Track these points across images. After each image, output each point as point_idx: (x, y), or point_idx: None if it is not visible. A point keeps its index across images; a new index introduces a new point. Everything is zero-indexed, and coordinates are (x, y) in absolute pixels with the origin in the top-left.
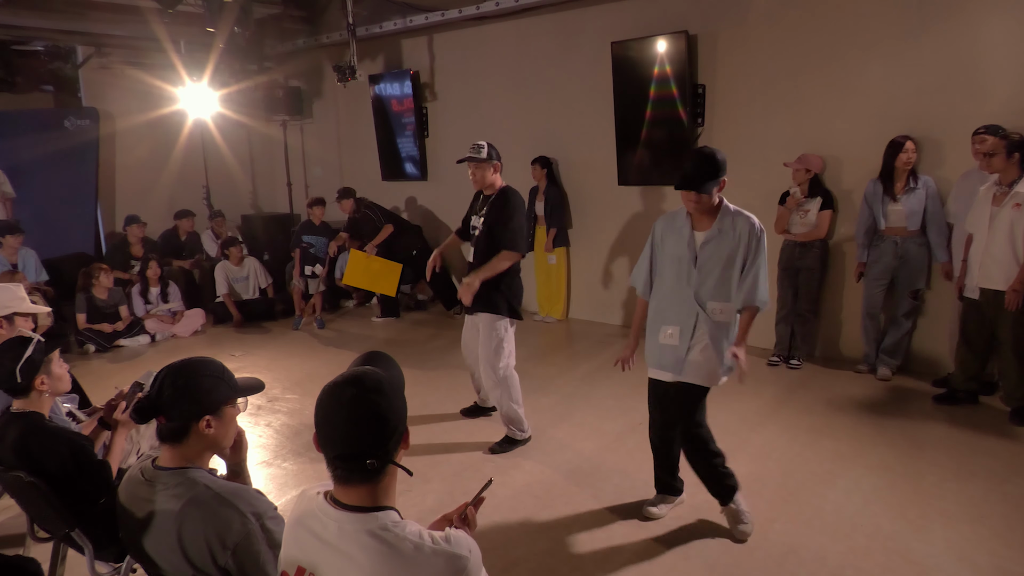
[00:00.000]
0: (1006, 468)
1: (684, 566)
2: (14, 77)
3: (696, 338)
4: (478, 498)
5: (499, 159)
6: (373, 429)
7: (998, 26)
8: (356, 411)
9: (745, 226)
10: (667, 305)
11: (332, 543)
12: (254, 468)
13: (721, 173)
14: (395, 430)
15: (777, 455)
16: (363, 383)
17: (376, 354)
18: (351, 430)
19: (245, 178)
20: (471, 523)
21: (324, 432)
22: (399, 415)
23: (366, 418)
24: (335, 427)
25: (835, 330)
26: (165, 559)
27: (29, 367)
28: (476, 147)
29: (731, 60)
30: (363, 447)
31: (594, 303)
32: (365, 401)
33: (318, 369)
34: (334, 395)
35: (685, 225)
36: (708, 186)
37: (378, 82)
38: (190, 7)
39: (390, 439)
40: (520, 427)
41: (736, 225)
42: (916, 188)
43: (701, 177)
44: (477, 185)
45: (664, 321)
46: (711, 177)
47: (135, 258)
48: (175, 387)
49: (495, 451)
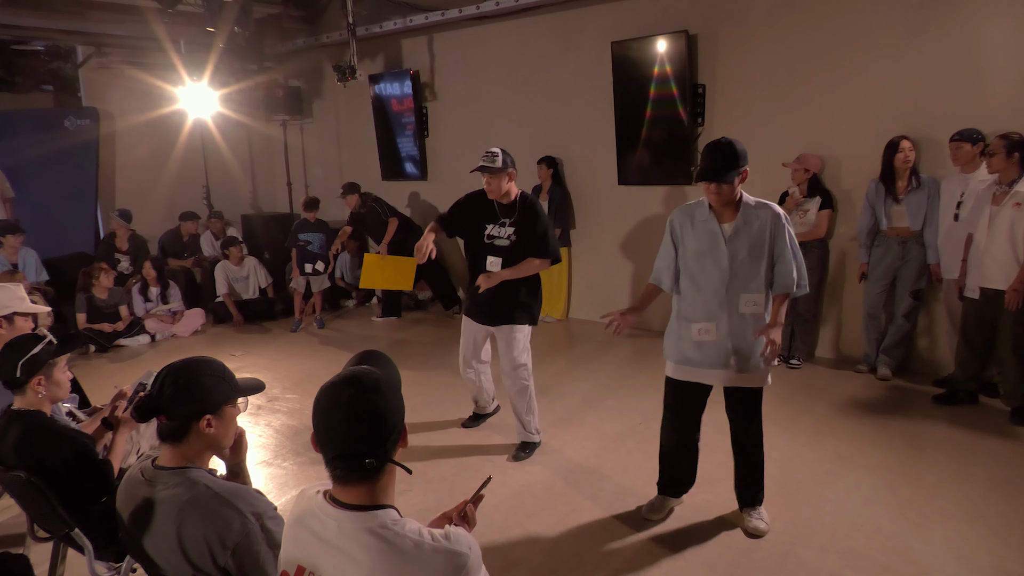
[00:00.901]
0: (1006, 468)
1: (683, 566)
2: (14, 77)
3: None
4: (477, 495)
5: (514, 166)
6: (371, 428)
7: (998, 26)
8: (354, 411)
9: (769, 215)
10: (696, 302)
11: (332, 542)
12: (254, 468)
13: (742, 163)
14: (393, 429)
15: (777, 455)
16: (361, 383)
17: (372, 353)
18: (349, 430)
19: (245, 178)
20: (471, 520)
21: (322, 432)
22: (397, 414)
23: (364, 417)
24: (333, 427)
25: (835, 330)
26: (165, 559)
27: (32, 364)
28: (490, 155)
29: (731, 60)
30: (361, 446)
31: (594, 303)
32: (363, 400)
33: (318, 369)
34: (332, 395)
35: (710, 219)
36: (730, 176)
37: (378, 82)
38: (190, 7)
39: (388, 438)
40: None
41: (759, 215)
42: (918, 188)
43: (722, 168)
44: (493, 195)
45: (694, 318)
46: (732, 167)
47: (119, 251)
48: (176, 386)
49: (519, 458)
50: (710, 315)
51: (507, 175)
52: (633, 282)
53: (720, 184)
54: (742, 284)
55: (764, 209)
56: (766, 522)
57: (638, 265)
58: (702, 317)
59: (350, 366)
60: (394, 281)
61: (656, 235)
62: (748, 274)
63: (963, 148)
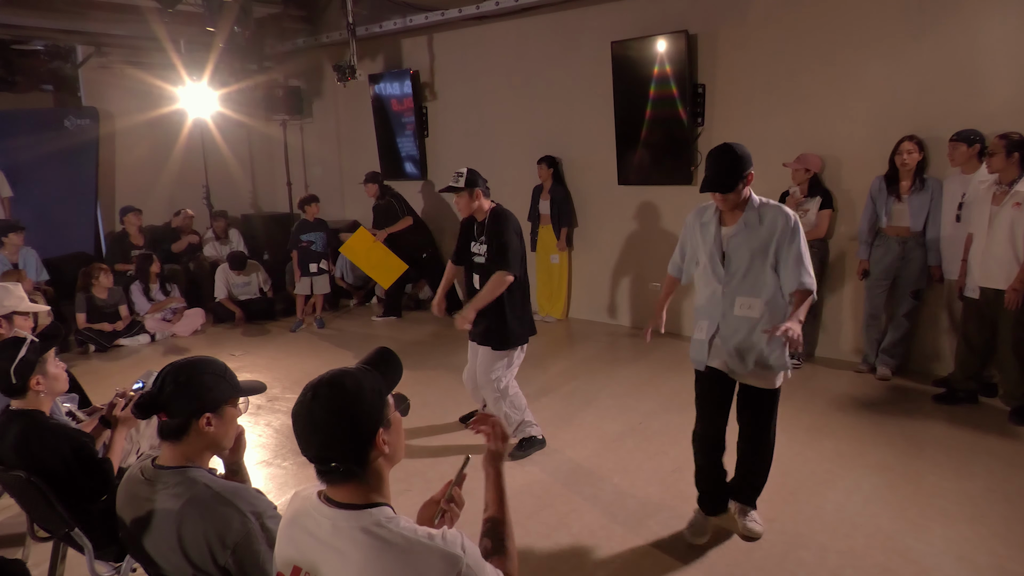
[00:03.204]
0: (1006, 468)
1: (683, 566)
2: (14, 76)
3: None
4: (461, 476)
5: (482, 183)
6: (334, 432)
7: (998, 26)
8: (316, 416)
9: (777, 217)
10: (702, 300)
11: (326, 540)
12: (254, 468)
13: (746, 168)
14: (361, 432)
15: (777, 455)
16: (325, 387)
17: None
18: (312, 435)
19: (245, 178)
20: (458, 501)
21: (296, 435)
22: (368, 416)
23: (326, 422)
24: (300, 431)
25: (835, 330)
26: (165, 558)
27: (24, 367)
28: (456, 176)
29: (731, 60)
30: (327, 451)
31: (594, 303)
32: (325, 406)
33: (318, 369)
34: (300, 400)
35: (712, 220)
36: (732, 184)
37: (378, 82)
38: (190, 6)
39: (355, 441)
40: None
41: (764, 217)
42: (922, 189)
43: (724, 177)
44: (463, 213)
45: (700, 316)
46: (735, 174)
47: (136, 247)
48: (176, 384)
49: (516, 457)
50: (709, 314)
51: (471, 193)
52: (633, 282)
53: (724, 193)
54: (738, 287)
55: (771, 210)
56: (761, 524)
57: (638, 265)
58: (703, 315)
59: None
60: (376, 269)
61: (656, 235)
62: (746, 277)
63: (959, 149)
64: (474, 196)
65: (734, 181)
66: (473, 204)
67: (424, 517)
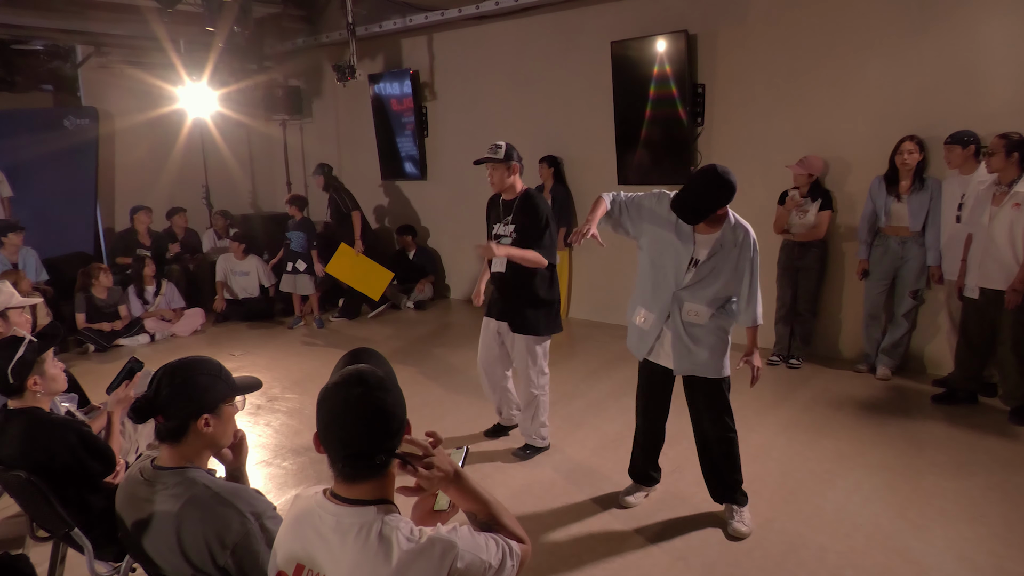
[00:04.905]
0: (1005, 468)
1: (683, 565)
2: (14, 76)
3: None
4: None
5: (519, 160)
6: (382, 426)
7: (998, 26)
8: (364, 410)
9: (746, 241)
10: (650, 289)
11: (328, 537)
12: (254, 468)
13: (729, 200)
14: (401, 424)
15: (776, 454)
16: (367, 381)
17: (363, 350)
18: (361, 429)
19: (245, 177)
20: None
21: (332, 433)
22: (403, 408)
23: (375, 416)
24: (345, 427)
25: (835, 330)
26: (164, 559)
27: (21, 367)
28: (494, 147)
29: (731, 60)
30: (373, 445)
31: (594, 302)
32: (372, 399)
33: (318, 369)
34: (339, 395)
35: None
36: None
37: (378, 81)
38: (190, 6)
39: (397, 434)
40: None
41: (737, 238)
42: (922, 190)
43: (706, 209)
44: (496, 188)
45: (643, 304)
46: (717, 207)
47: (142, 246)
48: (172, 386)
49: (520, 456)
50: (655, 307)
51: (508, 167)
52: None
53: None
54: (692, 293)
55: (740, 230)
56: (747, 525)
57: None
58: (646, 306)
59: (343, 364)
60: (363, 282)
61: None
62: (701, 286)
63: (955, 151)
64: (511, 170)
65: (699, 218)
66: (508, 180)
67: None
